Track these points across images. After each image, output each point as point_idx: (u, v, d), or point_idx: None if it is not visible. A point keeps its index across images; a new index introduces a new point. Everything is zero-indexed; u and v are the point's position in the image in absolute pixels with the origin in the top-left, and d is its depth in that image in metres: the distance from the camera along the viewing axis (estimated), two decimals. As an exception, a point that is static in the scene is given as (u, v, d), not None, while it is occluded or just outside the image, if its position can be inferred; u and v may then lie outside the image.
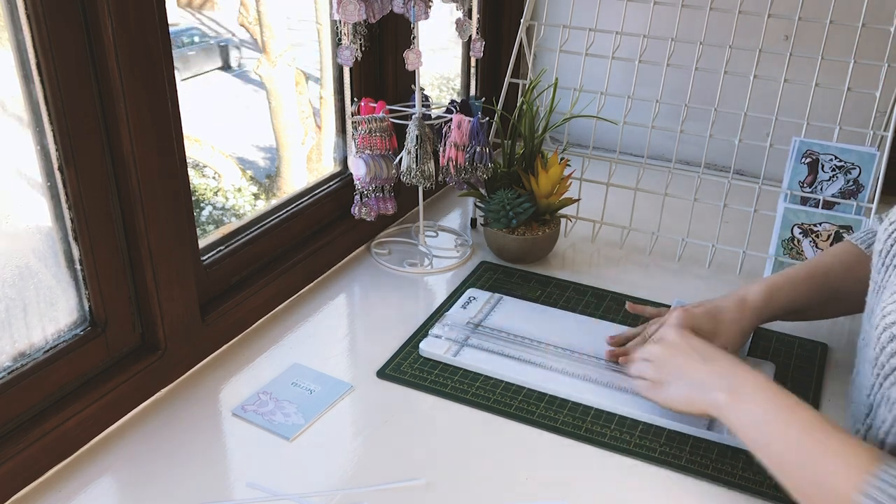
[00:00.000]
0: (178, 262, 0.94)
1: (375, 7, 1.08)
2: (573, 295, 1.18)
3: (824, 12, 1.23)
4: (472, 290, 1.16)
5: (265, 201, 4.11)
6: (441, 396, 0.96)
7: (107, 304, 0.89)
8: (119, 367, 0.91)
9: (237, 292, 1.06)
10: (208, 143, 3.82)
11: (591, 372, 0.98)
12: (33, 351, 0.84)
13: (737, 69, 1.27)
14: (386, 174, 1.20)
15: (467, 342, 1.04)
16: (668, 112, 1.34)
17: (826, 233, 1.17)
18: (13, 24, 0.75)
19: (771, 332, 1.10)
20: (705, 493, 0.84)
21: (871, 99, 1.21)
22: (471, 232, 1.38)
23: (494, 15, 1.66)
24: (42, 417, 0.83)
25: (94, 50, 0.80)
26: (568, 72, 1.44)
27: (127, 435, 0.89)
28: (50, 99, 0.78)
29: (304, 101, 3.72)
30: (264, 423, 0.91)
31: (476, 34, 1.19)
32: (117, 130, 0.83)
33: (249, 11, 3.66)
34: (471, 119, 1.18)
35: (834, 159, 1.18)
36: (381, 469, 0.85)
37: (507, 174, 1.27)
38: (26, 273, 0.82)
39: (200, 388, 0.97)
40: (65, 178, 0.82)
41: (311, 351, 1.05)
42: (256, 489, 0.83)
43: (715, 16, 1.29)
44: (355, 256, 1.29)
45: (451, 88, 3.28)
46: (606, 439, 0.90)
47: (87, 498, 0.81)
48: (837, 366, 1.04)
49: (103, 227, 0.86)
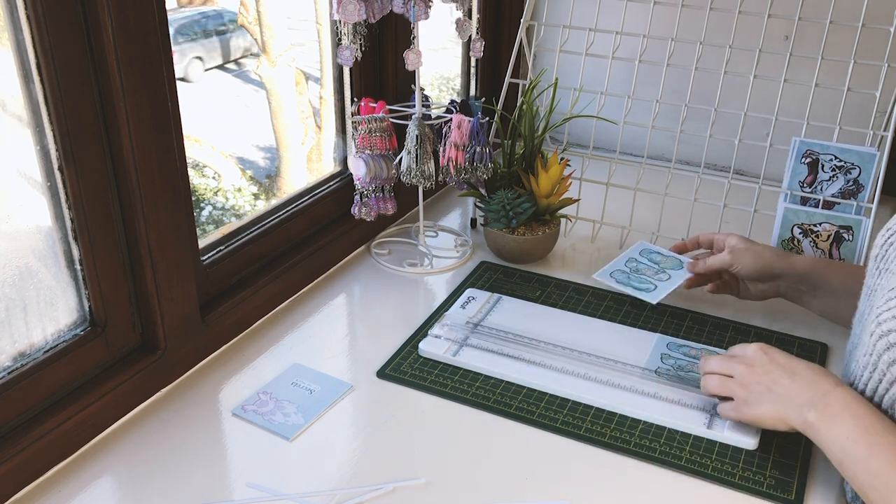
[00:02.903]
0: (178, 262, 0.94)
1: (375, 7, 1.08)
2: (573, 295, 1.18)
3: (824, 12, 1.23)
4: (472, 290, 1.16)
5: (265, 201, 4.12)
6: (441, 396, 0.96)
7: (107, 304, 0.89)
8: (119, 367, 0.91)
9: (237, 292, 1.06)
10: (208, 143, 3.82)
11: (590, 371, 0.98)
12: (33, 351, 0.84)
13: (737, 69, 1.27)
14: (386, 174, 1.20)
15: (467, 342, 1.04)
16: (667, 112, 1.34)
17: (826, 233, 1.17)
18: (13, 24, 0.75)
19: (771, 332, 1.10)
20: (705, 493, 0.84)
21: (871, 99, 1.21)
22: (471, 232, 1.38)
23: (494, 15, 1.66)
24: (42, 417, 0.83)
25: (94, 50, 0.80)
26: (568, 72, 1.44)
27: (127, 435, 0.89)
28: (50, 99, 0.78)
29: (304, 101, 3.73)
30: (264, 423, 0.91)
31: (476, 34, 1.19)
32: (117, 130, 0.83)
33: (249, 11, 3.66)
34: (471, 119, 1.18)
35: (834, 159, 1.18)
36: (381, 469, 0.85)
37: (507, 174, 1.27)
38: (26, 273, 0.82)
39: (200, 388, 0.97)
40: (65, 178, 0.82)
41: (311, 351, 1.05)
42: (256, 489, 0.83)
43: (715, 16, 1.29)
44: (355, 256, 1.29)
45: (451, 88, 3.28)
46: (606, 439, 0.90)
47: (87, 498, 0.81)
48: (837, 366, 1.04)
49: (103, 227, 0.86)
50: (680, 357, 1.01)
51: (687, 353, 1.02)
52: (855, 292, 0.95)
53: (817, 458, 0.88)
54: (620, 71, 1.39)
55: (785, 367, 0.84)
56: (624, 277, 1.15)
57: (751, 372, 0.86)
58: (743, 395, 0.86)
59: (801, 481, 0.85)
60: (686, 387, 0.95)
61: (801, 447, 0.89)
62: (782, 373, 0.84)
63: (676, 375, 0.97)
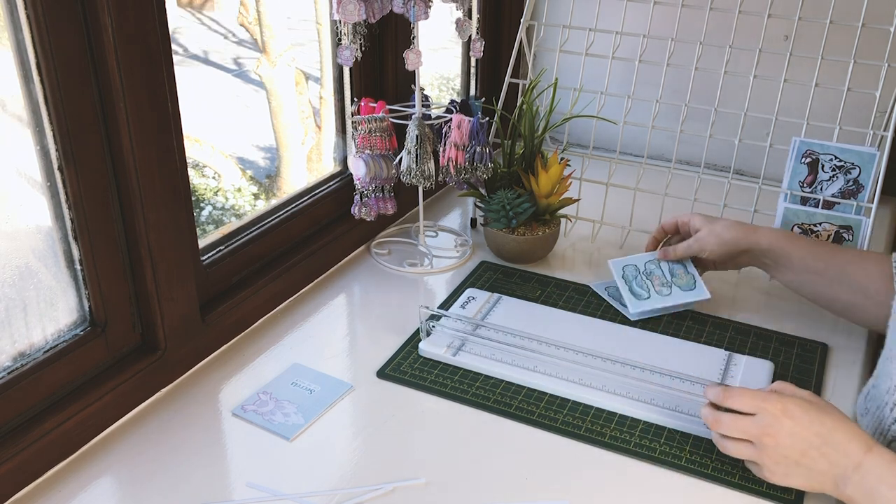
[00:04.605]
0: (178, 262, 0.94)
1: (375, 7, 1.08)
2: (573, 295, 1.18)
3: (824, 12, 1.23)
4: (472, 289, 1.16)
5: (265, 201, 4.11)
6: (441, 396, 0.96)
7: (107, 304, 0.89)
8: (119, 367, 0.91)
9: (237, 292, 1.06)
10: (208, 143, 3.82)
11: (590, 372, 0.98)
12: (33, 351, 0.84)
13: (737, 69, 1.27)
14: (386, 174, 1.20)
15: (467, 342, 1.04)
16: (667, 112, 1.34)
17: (826, 233, 1.17)
18: (13, 24, 0.75)
19: (771, 332, 1.10)
20: (705, 493, 0.84)
21: (871, 99, 1.21)
22: (471, 232, 1.38)
23: (494, 15, 1.66)
24: (42, 417, 0.83)
25: (94, 50, 0.80)
26: (568, 72, 1.44)
27: (127, 435, 0.89)
28: (50, 99, 0.78)
29: (304, 101, 3.72)
30: (264, 423, 0.91)
31: (476, 34, 1.19)
32: (117, 130, 0.83)
33: (249, 11, 3.66)
34: (471, 119, 1.18)
35: (834, 159, 1.18)
36: (381, 469, 0.85)
37: (507, 174, 1.27)
38: (26, 273, 0.82)
39: (200, 388, 0.97)
40: (65, 178, 0.82)
41: (311, 351, 1.05)
42: (256, 489, 0.83)
43: (715, 16, 1.29)
44: (355, 256, 1.29)
45: (451, 88, 3.28)
46: (606, 439, 0.90)
47: (87, 498, 0.81)
48: (837, 366, 1.04)
49: (103, 227, 0.86)
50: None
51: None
52: (815, 270, 1.00)
53: (817, 458, 0.88)
54: (620, 71, 1.39)
55: (810, 431, 0.77)
56: (631, 274, 1.15)
57: (775, 444, 0.78)
58: (770, 465, 0.80)
59: (801, 481, 0.85)
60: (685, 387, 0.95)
61: (801, 447, 0.89)
62: (809, 443, 0.77)
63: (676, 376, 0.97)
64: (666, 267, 1.15)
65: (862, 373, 1.03)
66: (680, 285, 1.12)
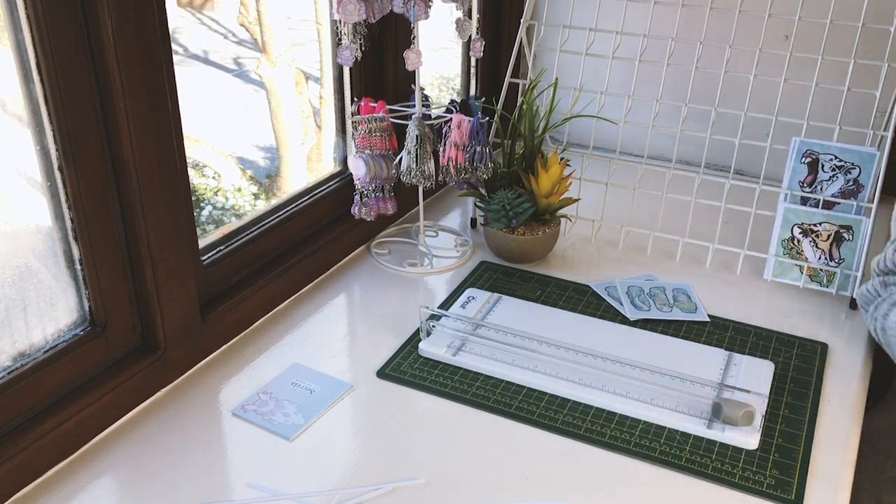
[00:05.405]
0: (178, 262, 0.94)
1: (375, 7, 1.08)
2: (573, 295, 1.18)
3: (824, 12, 1.23)
4: (472, 289, 1.16)
5: (265, 201, 4.11)
6: (441, 396, 0.96)
7: (107, 304, 0.89)
8: (119, 367, 0.91)
9: (237, 292, 1.06)
10: (208, 143, 3.82)
11: (590, 372, 0.98)
12: (33, 351, 0.84)
13: (737, 69, 1.27)
14: (386, 174, 1.20)
15: (467, 342, 1.04)
16: (668, 112, 1.34)
17: (826, 233, 1.17)
18: (13, 24, 0.75)
19: (771, 332, 1.10)
20: (705, 493, 0.84)
21: (871, 99, 1.21)
22: (471, 232, 1.38)
23: (494, 15, 1.66)
24: (42, 417, 0.83)
25: (94, 50, 0.80)
26: (568, 72, 1.44)
27: (127, 435, 0.89)
28: (50, 99, 0.78)
29: (304, 101, 3.72)
30: (264, 423, 0.91)
31: (476, 34, 1.19)
32: (117, 130, 0.83)
33: (249, 11, 3.66)
34: (471, 119, 1.18)
35: (834, 159, 1.18)
36: (381, 469, 0.85)
37: (507, 174, 1.27)
38: (26, 273, 0.82)
39: (200, 388, 0.97)
40: (65, 178, 0.82)
41: (311, 351, 1.05)
42: (256, 489, 0.83)
43: (715, 16, 1.29)
44: (355, 256, 1.29)
45: (451, 88, 3.28)
46: (606, 439, 0.90)
47: (87, 498, 0.81)
48: (837, 366, 1.04)
49: (103, 227, 0.86)
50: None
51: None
52: None
53: (817, 459, 0.88)
54: (620, 71, 1.39)
55: None
56: (635, 292, 1.16)
57: None
58: None
59: (801, 481, 0.85)
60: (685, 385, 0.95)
61: (801, 447, 0.89)
62: None
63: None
64: (671, 293, 1.15)
65: (862, 373, 1.03)
66: (682, 308, 1.12)
